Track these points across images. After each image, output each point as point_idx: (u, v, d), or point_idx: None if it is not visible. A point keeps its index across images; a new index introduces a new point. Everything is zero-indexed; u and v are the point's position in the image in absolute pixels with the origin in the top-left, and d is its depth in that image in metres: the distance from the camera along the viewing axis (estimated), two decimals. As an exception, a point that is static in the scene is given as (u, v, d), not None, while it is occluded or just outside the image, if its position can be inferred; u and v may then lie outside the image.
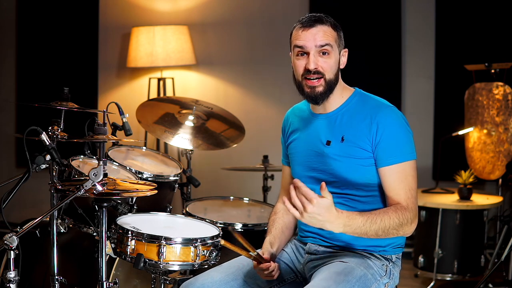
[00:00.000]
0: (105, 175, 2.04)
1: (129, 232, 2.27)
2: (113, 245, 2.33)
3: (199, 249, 2.27)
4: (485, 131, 4.03)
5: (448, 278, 3.83)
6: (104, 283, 2.10)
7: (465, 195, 3.90)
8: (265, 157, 3.66)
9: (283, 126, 2.37)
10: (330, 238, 2.15)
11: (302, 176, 2.18)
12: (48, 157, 2.25)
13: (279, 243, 2.25)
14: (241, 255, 2.14)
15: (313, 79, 2.08)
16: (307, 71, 2.09)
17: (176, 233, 2.34)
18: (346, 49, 2.17)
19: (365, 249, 2.13)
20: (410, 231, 2.03)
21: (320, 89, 2.10)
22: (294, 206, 1.83)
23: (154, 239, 2.24)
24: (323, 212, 1.82)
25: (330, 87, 2.11)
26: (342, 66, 2.16)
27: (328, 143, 2.13)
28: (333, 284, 1.92)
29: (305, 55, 2.09)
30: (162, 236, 2.24)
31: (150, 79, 4.93)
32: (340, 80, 2.18)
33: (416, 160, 2.07)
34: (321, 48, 2.07)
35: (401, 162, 2.03)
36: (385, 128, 2.04)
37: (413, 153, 2.06)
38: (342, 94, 2.17)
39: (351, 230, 1.91)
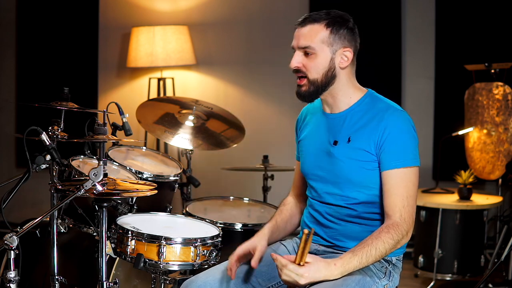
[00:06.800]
0: (105, 175, 2.04)
1: (129, 232, 2.27)
2: (113, 245, 2.33)
3: (199, 249, 2.28)
4: (485, 131, 4.03)
5: (448, 278, 3.83)
6: (104, 283, 2.11)
7: (465, 195, 3.90)
8: (265, 157, 3.65)
9: (297, 120, 2.35)
10: (331, 237, 2.15)
11: (309, 173, 2.20)
12: (48, 157, 2.25)
13: (278, 234, 2.24)
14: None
15: (298, 78, 2.09)
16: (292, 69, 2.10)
17: (176, 233, 2.35)
18: (348, 48, 2.07)
19: None
20: (406, 241, 2.04)
21: (304, 88, 2.08)
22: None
23: (154, 239, 2.24)
24: (316, 275, 1.87)
25: (316, 87, 2.07)
26: (341, 66, 2.08)
27: (335, 143, 2.11)
28: None
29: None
30: (162, 236, 2.24)
31: (150, 79, 4.93)
32: (350, 79, 2.12)
33: (419, 167, 2.04)
34: (303, 49, 2.06)
35: (404, 167, 2.01)
36: (391, 131, 2.01)
37: (416, 159, 2.04)
38: (351, 94, 2.12)
39: (349, 271, 1.94)
